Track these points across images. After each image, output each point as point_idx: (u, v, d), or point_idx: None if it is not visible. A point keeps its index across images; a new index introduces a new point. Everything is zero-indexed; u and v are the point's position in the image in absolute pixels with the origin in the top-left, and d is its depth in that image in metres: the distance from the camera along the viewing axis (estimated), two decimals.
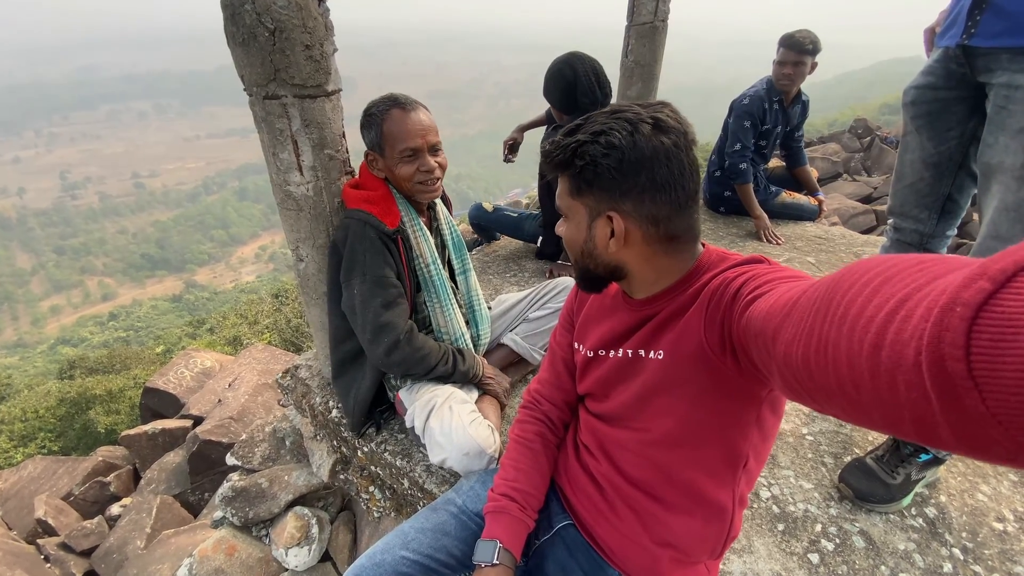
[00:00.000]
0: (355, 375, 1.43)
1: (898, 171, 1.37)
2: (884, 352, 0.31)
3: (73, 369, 8.60)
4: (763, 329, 0.51)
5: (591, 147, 0.69)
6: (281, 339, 7.11)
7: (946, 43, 1.14)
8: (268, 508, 1.94)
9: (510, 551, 0.86)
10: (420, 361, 1.29)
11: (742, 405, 0.73)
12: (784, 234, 2.85)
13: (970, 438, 0.27)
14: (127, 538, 2.84)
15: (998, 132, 1.04)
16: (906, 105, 1.28)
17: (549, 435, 1.00)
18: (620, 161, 0.68)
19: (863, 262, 0.38)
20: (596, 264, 0.78)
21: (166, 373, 4.57)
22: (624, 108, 0.70)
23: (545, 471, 0.96)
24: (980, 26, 1.03)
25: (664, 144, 0.67)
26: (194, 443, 3.21)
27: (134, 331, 29.59)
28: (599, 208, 0.73)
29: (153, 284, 53.29)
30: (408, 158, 1.26)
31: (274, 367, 4.13)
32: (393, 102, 1.26)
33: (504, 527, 0.88)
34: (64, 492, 3.62)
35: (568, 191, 0.76)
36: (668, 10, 2.94)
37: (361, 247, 1.25)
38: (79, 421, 6.33)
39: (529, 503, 0.91)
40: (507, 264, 2.62)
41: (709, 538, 0.84)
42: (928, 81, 1.21)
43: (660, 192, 0.69)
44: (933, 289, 0.30)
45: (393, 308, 1.27)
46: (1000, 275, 0.25)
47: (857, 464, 1.31)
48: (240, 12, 1.12)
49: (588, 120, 0.72)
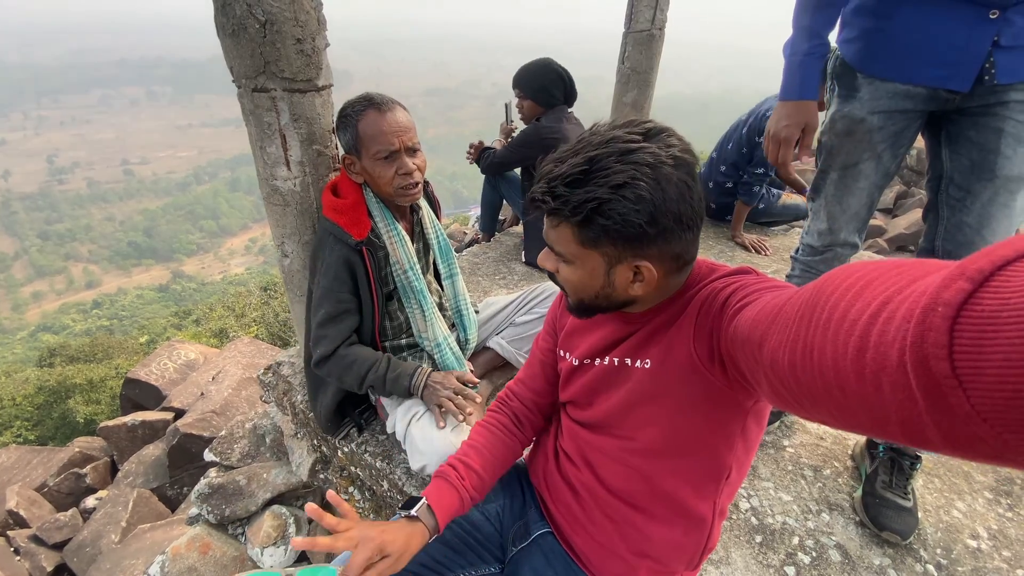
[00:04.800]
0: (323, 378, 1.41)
1: (841, 202, 1.28)
2: (868, 354, 0.31)
3: (53, 357, 8.47)
4: (750, 337, 0.51)
5: (618, 205, 0.62)
6: (268, 333, 7.02)
7: (951, 86, 1.07)
8: (245, 506, 1.91)
9: (433, 512, 0.83)
10: (347, 370, 1.27)
11: (728, 415, 0.73)
12: (780, 245, 2.88)
13: (956, 437, 0.27)
14: (101, 532, 2.78)
15: (1017, 145, 1.06)
16: (868, 132, 1.18)
17: (513, 428, 0.98)
18: (651, 214, 0.62)
19: (844, 268, 0.39)
20: (611, 303, 0.75)
21: (149, 364, 4.50)
22: (631, 144, 0.62)
23: (499, 455, 0.94)
24: (997, 67, 1.03)
25: (686, 182, 0.63)
26: (174, 436, 3.16)
27: (118, 320, 29.14)
28: (621, 257, 0.67)
29: (139, 273, 52.50)
30: (385, 160, 1.21)
31: (260, 361, 4.08)
32: (368, 102, 1.21)
33: (436, 488, 0.87)
34: (38, 483, 3.55)
35: (578, 241, 0.68)
36: (665, 18, 2.96)
37: (322, 256, 1.26)
38: (57, 410, 6.22)
39: (469, 477, 0.89)
40: (496, 266, 2.61)
41: (687, 549, 0.84)
42: (903, 106, 1.15)
43: (686, 231, 0.66)
44: (914, 291, 0.30)
45: (334, 323, 1.27)
46: (978, 275, 0.26)
47: (878, 500, 1.26)
48: (231, 2, 1.10)
49: (595, 164, 0.62)
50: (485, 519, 0.99)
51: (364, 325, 1.33)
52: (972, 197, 1.12)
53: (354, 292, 1.28)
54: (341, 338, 1.28)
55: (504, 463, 0.96)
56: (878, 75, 1.15)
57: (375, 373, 1.28)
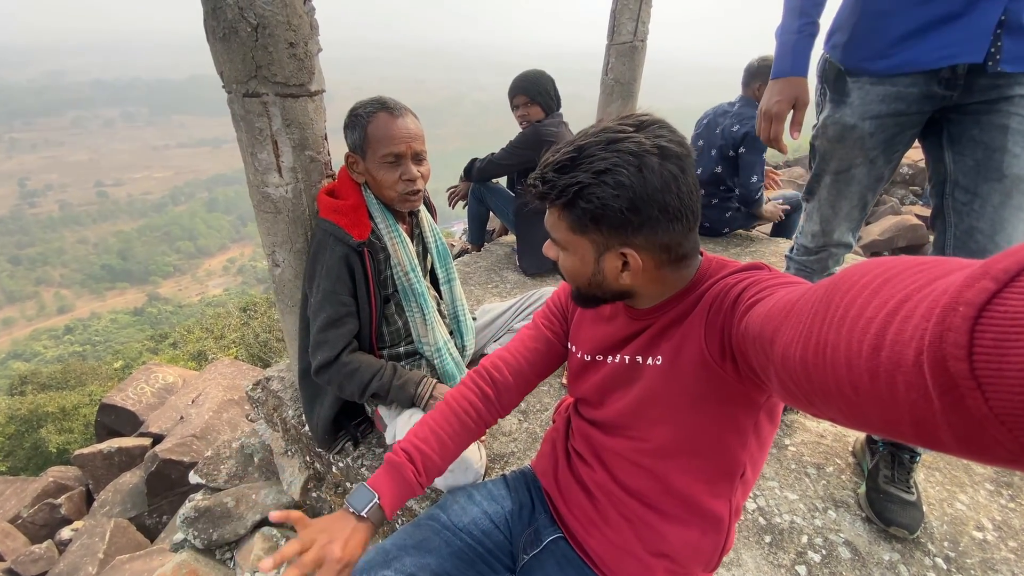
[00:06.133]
0: (320, 388, 1.37)
1: (834, 205, 1.28)
2: (884, 353, 0.31)
3: (24, 385, 8.18)
4: (761, 332, 0.50)
5: (598, 189, 0.63)
6: (248, 354, 6.87)
7: (963, 60, 1.01)
8: (234, 529, 1.83)
9: (383, 511, 0.82)
10: (350, 377, 1.23)
11: (740, 412, 0.72)
12: (768, 251, 2.92)
13: (971, 439, 0.27)
14: (78, 564, 2.65)
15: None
16: (859, 139, 1.17)
17: (484, 411, 0.94)
18: (631, 200, 0.63)
19: (861, 265, 0.38)
20: (604, 292, 0.75)
21: (125, 389, 4.36)
22: (619, 134, 0.64)
23: (462, 444, 0.92)
24: (1004, 52, 0.97)
25: (672, 172, 0.63)
26: (153, 462, 3.04)
27: (91, 345, 28.22)
28: (608, 244, 0.68)
29: (114, 296, 51.12)
30: (390, 164, 1.21)
31: (240, 383, 3.97)
32: (381, 105, 1.21)
33: (391, 485, 0.84)
34: (11, 515, 3.39)
35: (569, 227, 0.70)
36: (647, 30, 3.02)
37: (322, 258, 1.23)
38: (29, 440, 5.98)
39: (428, 470, 0.87)
40: (489, 275, 2.60)
41: (705, 549, 0.82)
42: (894, 108, 1.12)
43: (673, 222, 0.66)
44: (934, 290, 0.29)
45: (335, 327, 1.24)
46: (1003, 274, 0.25)
47: (882, 495, 1.25)
48: (221, 6, 1.08)
49: (582, 152, 0.65)
50: (495, 527, 0.95)
51: (361, 331, 1.30)
52: (981, 200, 1.06)
53: (353, 295, 1.25)
54: (343, 343, 1.24)
55: (466, 445, 0.94)
56: (870, 69, 1.12)
57: (379, 380, 1.24)
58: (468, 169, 2.65)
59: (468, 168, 2.65)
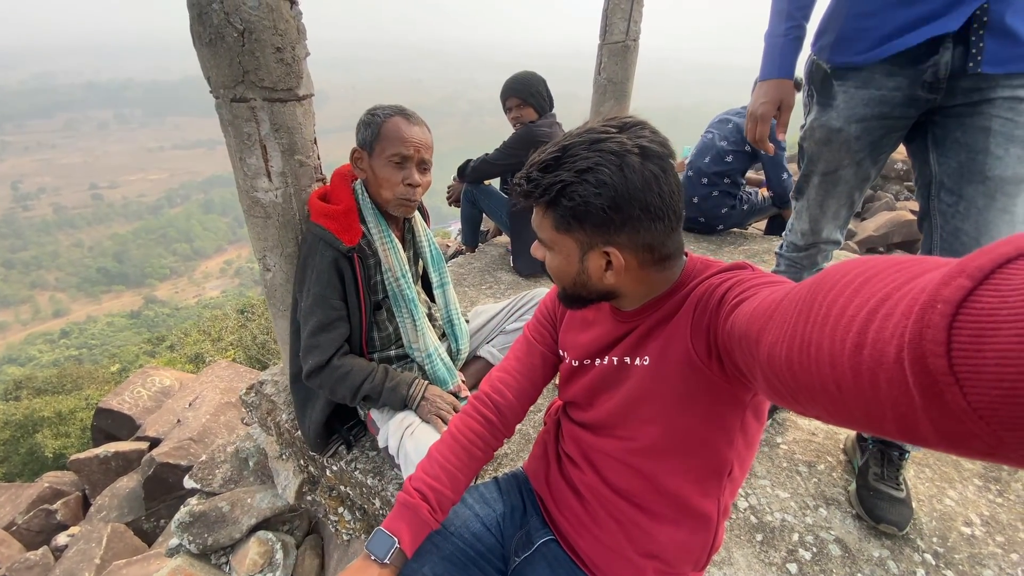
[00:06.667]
0: (311, 391, 1.37)
1: (822, 205, 1.29)
2: (866, 350, 0.31)
3: (19, 390, 8.12)
4: (747, 332, 0.51)
5: (580, 187, 0.65)
6: (246, 356, 6.85)
7: (940, 30, 0.99)
8: (229, 533, 1.83)
9: (404, 553, 0.83)
10: (341, 381, 1.24)
11: (727, 410, 0.72)
12: (761, 248, 2.93)
13: (950, 433, 0.27)
14: (74, 570, 2.65)
15: (1008, 144, 1.01)
16: (845, 142, 1.18)
17: (490, 438, 0.94)
18: (613, 199, 0.64)
19: (843, 264, 0.39)
20: (589, 292, 0.76)
21: (121, 392, 4.34)
22: (602, 135, 0.66)
23: (471, 474, 0.92)
24: (986, 53, 0.97)
25: (653, 172, 0.65)
26: (150, 466, 3.04)
27: (87, 349, 28.08)
28: (591, 242, 0.69)
29: (109, 299, 50.88)
30: (396, 164, 1.22)
31: (238, 385, 3.97)
32: (400, 110, 1.24)
33: (408, 526, 0.84)
34: (6, 521, 3.38)
35: (553, 226, 0.71)
36: (639, 30, 3.03)
37: (312, 262, 1.23)
38: (24, 445, 5.94)
39: (443, 506, 0.87)
40: (482, 276, 2.60)
41: (694, 549, 0.82)
42: (879, 112, 1.13)
43: (655, 221, 0.67)
44: (913, 288, 0.30)
45: (326, 331, 1.24)
46: (978, 272, 0.26)
47: (872, 492, 1.26)
48: (207, 11, 1.08)
49: (566, 152, 0.66)
50: (487, 530, 0.96)
51: (352, 336, 1.30)
52: (965, 202, 1.07)
53: (343, 299, 1.26)
54: (334, 347, 1.24)
55: (475, 474, 0.94)
56: (856, 62, 1.12)
57: (371, 383, 1.25)
58: (462, 169, 2.66)
59: (462, 168, 2.65)
